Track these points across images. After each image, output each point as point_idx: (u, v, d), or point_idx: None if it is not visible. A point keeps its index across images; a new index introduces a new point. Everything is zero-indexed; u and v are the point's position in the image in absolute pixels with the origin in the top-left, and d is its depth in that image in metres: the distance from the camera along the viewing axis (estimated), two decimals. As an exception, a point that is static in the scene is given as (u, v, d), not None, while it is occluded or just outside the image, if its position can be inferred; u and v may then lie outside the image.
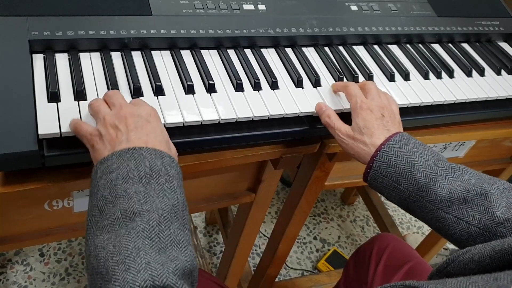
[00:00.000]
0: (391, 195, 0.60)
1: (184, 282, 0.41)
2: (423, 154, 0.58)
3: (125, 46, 0.67)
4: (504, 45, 0.96)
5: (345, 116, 0.66)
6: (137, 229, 0.42)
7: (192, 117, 0.61)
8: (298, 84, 0.71)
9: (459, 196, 0.54)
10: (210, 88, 0.65)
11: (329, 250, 1.58)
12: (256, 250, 1.55)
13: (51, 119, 0.54)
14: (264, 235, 1.59)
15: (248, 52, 0.74)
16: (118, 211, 0.43)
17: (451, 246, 1.54)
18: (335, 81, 0.74)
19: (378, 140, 0.60)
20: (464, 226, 0.54)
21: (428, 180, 0.56)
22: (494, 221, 0.53)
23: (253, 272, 1.30)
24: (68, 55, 0.64)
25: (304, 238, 1.63)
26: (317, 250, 1.60)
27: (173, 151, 0.53)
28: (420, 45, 0.89)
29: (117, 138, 0.48)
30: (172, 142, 0.59)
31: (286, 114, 0.66)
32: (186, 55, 0.70)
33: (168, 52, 0.69)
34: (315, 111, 0.67)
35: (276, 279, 1.26)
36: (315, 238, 1.63)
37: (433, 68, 0.83)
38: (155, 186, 0.45)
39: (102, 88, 0.61)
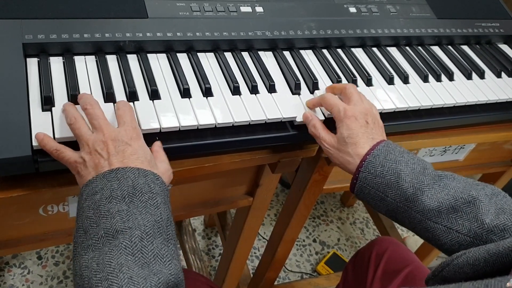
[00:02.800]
0: (379, 206, 0.59)
1: None
2: (409, 163, 0.57)
3: (120, 49, 0.66)
4: (504, 47, 0.96)
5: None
6: (120, 246, 0.42)
7: (188, 121, 0.60)
8: (296, 87, 0.70)
9: (447, 205, 0.54)
10: (207, 92, 0.65)
11: (328, 252, 1.57)
12: (255, 253, 1.54)
13: (44, 127, 0.53)
14: (263, 238, 1.58)
15: (245, 55, 0.73)
16: (101, 230, 0.44)
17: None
18: (333, 84, 0.73)
19: (362, 150, 0.59)
20: (454, 236, 0.53)
21: (415, 190, 0.55)
22: (484, 229, 0.52)
23: (252, 275, 1.30)
24: (63, 59, 0.63)
25: (304, 240, 1.62)
26: (316, 253, 1.59)
27: (160, 168, 0.53)
28: (419, 47, 0.88)
29: (99, 163, 0.49)
30: (168, 147, 0.59)
31: (284, 118, 0.65)
32: (183, 58, 0.69)
33: (164, 55, 0.69)
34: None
35: (275, 282, 1.26)
36: (314, 241, 1.63)
37: (432, 71, 0.82)
38: (138, 204, 0.46)
39: (97, 92, 0.60)
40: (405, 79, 0.78)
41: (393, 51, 0.85)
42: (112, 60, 0.65)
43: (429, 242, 0.57)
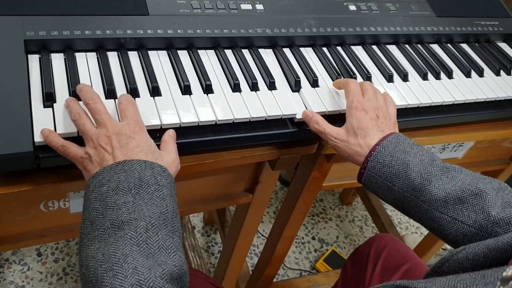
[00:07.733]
0: (386, 196, 0.60)
1: (173, 287, 0.41)
2: (418, 154, 0.58)
3: (121, 46, 0.66)
4: (503, 46, 0.96)
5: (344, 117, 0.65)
6: (125, 237, 0.43)
7: (188, 118, 0.60)
8: (296, 84, 0.70)
9: (454, 196, 0.54)
10: (207, 89, 0.65)
11: (327, 250, 1.58)
12: (254, 250, 1.55)
13: (46, 123, 0.54)
14: (262, 235, 1.58)
15: (245, 52, 0.74)
16: (107, 221, 0.44)
17: (450, 247, 1.54)
18: (333, 81, 0.74)
19: (372, 140, 0.60)
20: (459, 226, 0.54)
21: (423, 180, 0.56)
22: (489, 221, 0.53)
23: (251, 272, 1.30)
24: (64, 55, 0.63)
25: (303, 238, 1.62)
26: (315, 250, 1.60)
27: (166, 159, 0.53)
28: (419, 45, 0.88)
29: (104, 158, 0.50)
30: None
31: (284, 115, 0.65)
32: (183, 55, 0.69)
33: (165, 52, 0.69)
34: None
35: (274, 279, 1.26)
36: (313, 238, 1.63)
37: (431, 68, 0.82)
38: (144, 196, 0.46)
39: (98, 89, 0.60)
40: (404, 77, 0.79)
41: (393, 49, 0.86)
42: (113, 57, 0.65)
43: (434, 232, 0.58)
